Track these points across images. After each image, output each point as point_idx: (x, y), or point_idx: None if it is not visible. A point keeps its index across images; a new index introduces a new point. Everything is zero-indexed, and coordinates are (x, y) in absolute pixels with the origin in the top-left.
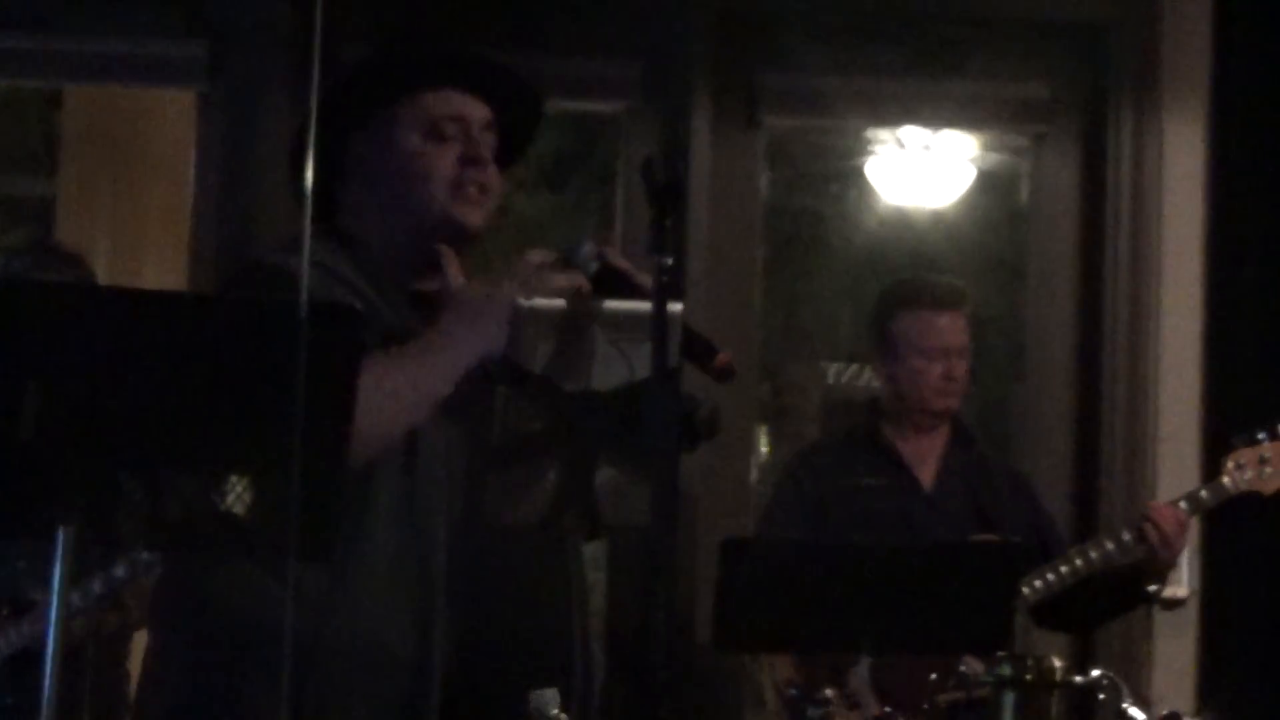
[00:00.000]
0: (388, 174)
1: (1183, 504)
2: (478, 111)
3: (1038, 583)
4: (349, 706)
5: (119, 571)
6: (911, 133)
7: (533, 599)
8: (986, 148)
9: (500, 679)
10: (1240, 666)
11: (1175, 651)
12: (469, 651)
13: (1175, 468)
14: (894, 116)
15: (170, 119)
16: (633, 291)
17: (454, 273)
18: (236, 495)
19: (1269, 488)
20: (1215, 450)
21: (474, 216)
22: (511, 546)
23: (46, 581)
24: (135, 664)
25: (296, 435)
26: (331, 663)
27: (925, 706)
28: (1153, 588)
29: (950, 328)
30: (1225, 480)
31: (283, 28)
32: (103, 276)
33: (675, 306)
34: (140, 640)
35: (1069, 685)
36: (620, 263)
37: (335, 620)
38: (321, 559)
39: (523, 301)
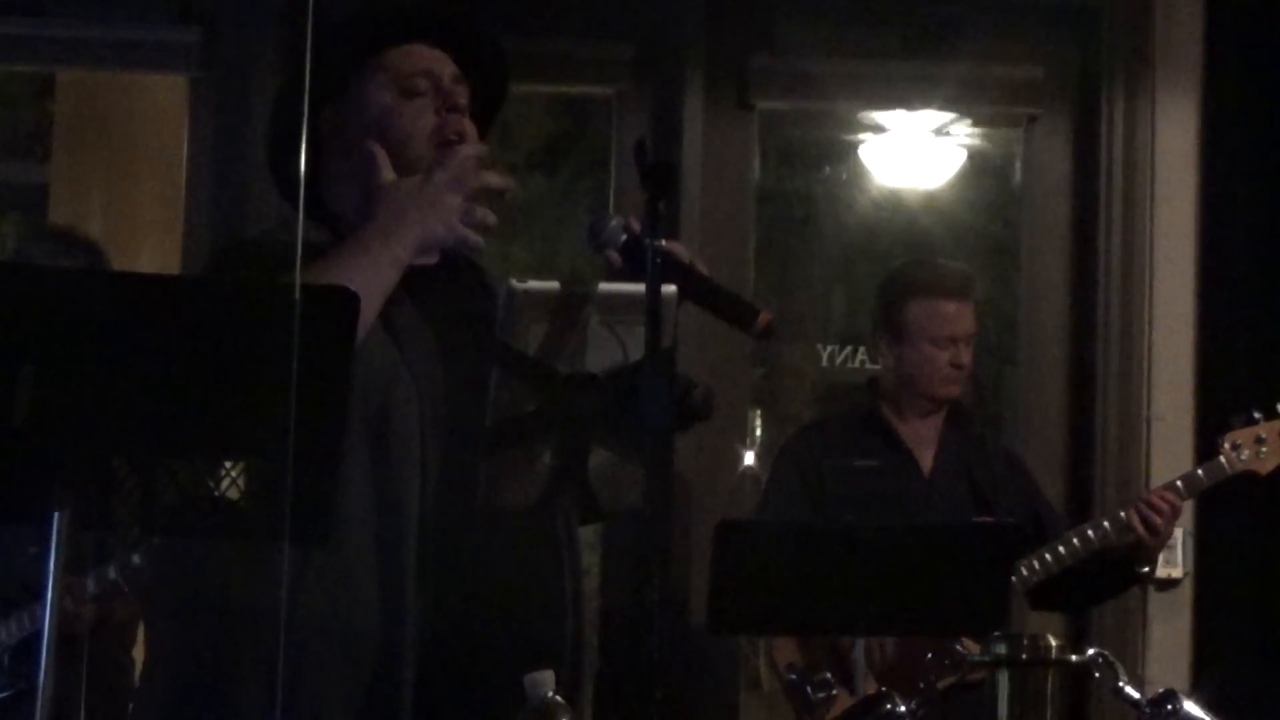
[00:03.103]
0: (365, 138)
1: (1179, 484)
2: (446, 66)
3: (1036, 563)
4: (314, 683)
5: (135, 559)
6: (904, 115)
7: (520, 580)
8: (979, 130)
9: (486, 661)
10: (1234, 647)
11: (1170, 632)
12: (451, 632)
13: (1168, 448)
14: (886, 99)
15: (163, 105)
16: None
17: (384, 169)
18: (231, 479)
19: (1265, 468)
20: (1209, 431)
21: None
22: (497, 527)
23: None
24: (140, 652)
25: (290, 418)
26: (297, 639)
27: (921, 685)
28: (1144, 570)
29: (960, 316)
30: (1222, 461)
31: (274, 12)
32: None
33: (669, 288)
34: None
35: (1064, 664)
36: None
37: (300, 596)
38: (316, 542)
39: (516, 283)
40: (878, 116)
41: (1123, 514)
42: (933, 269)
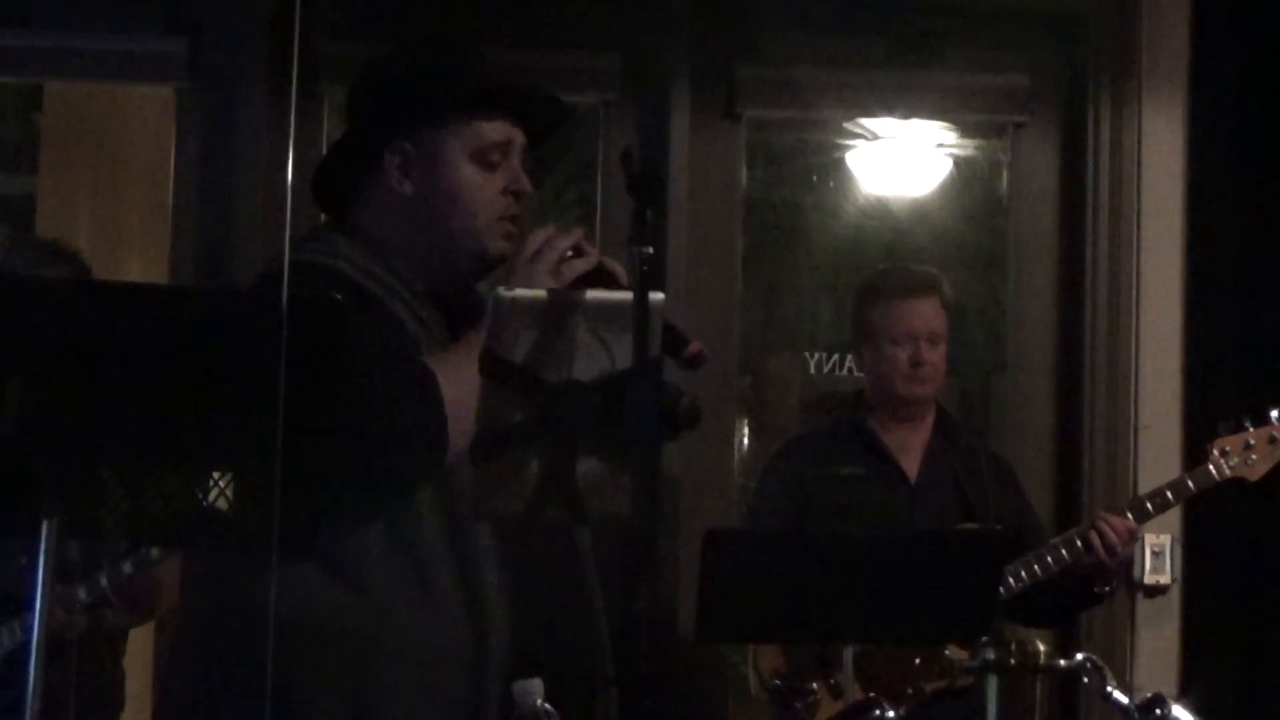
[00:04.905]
0: (432, 195)
1: (1168, 491)
2: (519, 138)
3: (1010, 579)
4: (409, 707)
5: (126, 567)
6: (891, 123)
7: (561, 592)
8: (966, 138)
9: (545, 672)
10: (1221, 652)
11: (1158, 638)
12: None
13: (1156, 455)
14: (873, 107)
15: (150, 115)
16: (606, 280)
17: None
18: (219, 490)
19: (1254, 474)
20: (1196, 437)
21: (506, 248)
22: (539, 542)
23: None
24: (129, 662)
25: (278, 429)
26: (390, 663)
27: (909, 692)
28: (1104, 589)
29: (919, 314)
30: (1211, 467)
31: (261, 23)
32: None
33: (657, 297)
34: (135, 637)
35: (1053, 669)
36: (594, 253)
37: (395, 621)
38: (304, 554)
39: (503, 292)
40: (865, 125)
41: (1079, 541)
42: (893, 272)
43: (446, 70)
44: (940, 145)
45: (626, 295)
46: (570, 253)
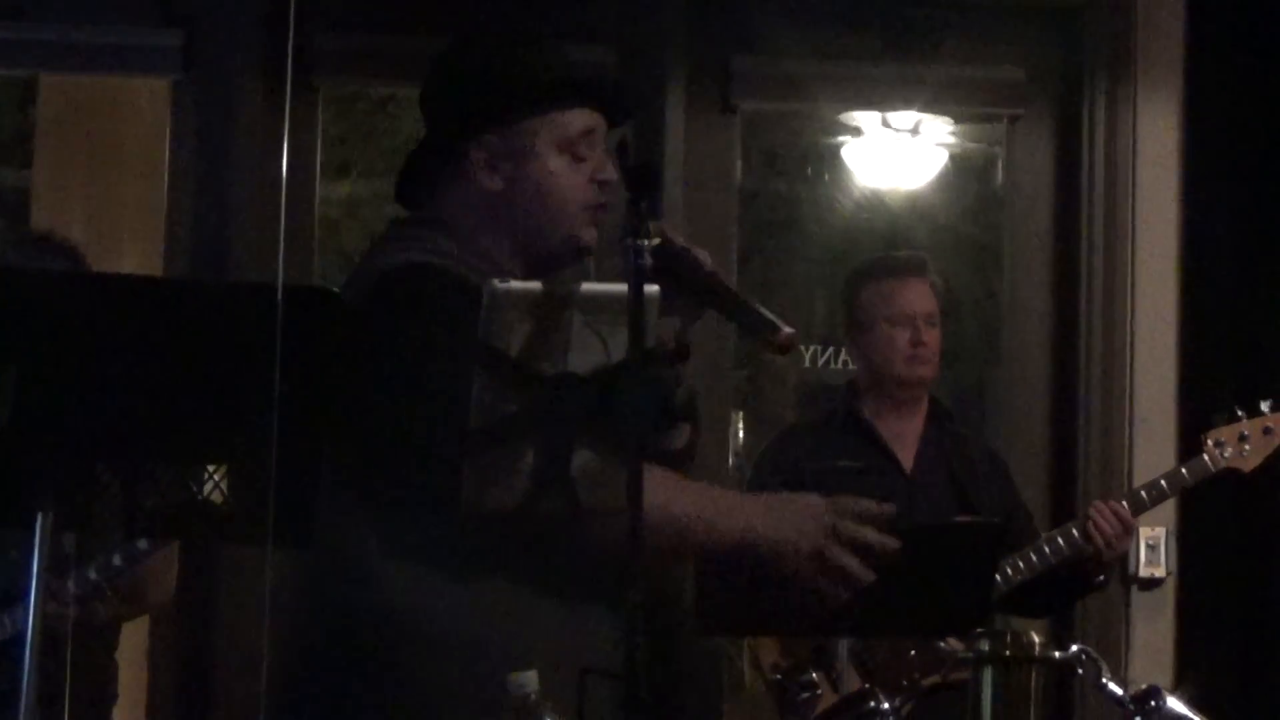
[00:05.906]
0: (524, 189)
1: (1163, 482)
2: (602, 125)
3: (1009, 569)
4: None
5: (116, 560)
6: (886, 116)
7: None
8: (961, 130)
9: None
10: (1216, 645)
11: (1153, 631)
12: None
13: (1151, 449)
14: (869, 100)
15: (145, 108)
16: (694, 269)
17: None
18: (214, 483)
19: (1248, 465)
20: (1191, 431)
21: (594, 236)
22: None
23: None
24: (124, 655)
25: (274, 421)
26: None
27: (905, 683)
28: (1098, 580)
29: (914, 294)
30: (1205, 459)
31: (257, 16)
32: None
33: (651, 289)
34: (129, 631)
35: (1048, 661)
36: (680, 241)
37: (494, 622)
38: (299, 546)
39: (498, 284)
40: (860, 118)
41: (1075, 531)
42: (882, 258)
43: (531, 63)
44: (935, 138)
45: (622, 287)
46: None
